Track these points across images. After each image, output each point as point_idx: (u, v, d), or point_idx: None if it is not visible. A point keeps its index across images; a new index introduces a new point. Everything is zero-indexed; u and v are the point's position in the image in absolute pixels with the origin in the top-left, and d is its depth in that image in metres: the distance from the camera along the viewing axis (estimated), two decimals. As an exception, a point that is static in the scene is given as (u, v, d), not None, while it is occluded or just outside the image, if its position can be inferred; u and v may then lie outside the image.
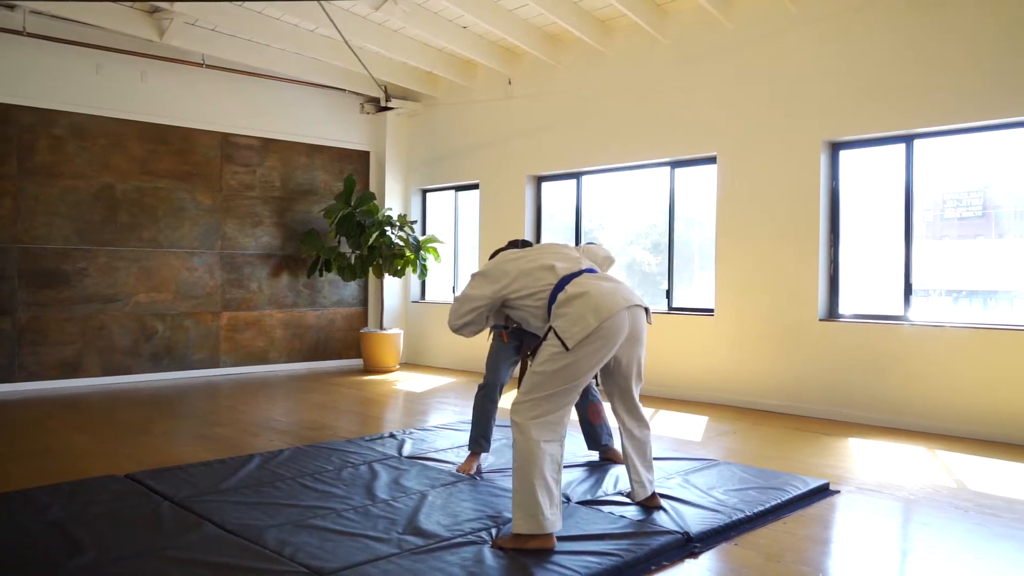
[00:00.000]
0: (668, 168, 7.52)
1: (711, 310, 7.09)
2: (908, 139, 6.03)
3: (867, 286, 6.37)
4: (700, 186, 7.44)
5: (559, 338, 3.17)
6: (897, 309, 6.08)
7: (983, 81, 5.52)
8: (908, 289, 6.02)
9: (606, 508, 3.72)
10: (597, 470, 4.45)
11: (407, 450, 4.87)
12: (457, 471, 4.39)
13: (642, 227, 8.31)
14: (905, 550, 3.36)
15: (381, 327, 9.37)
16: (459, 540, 3.24)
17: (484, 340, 7.97)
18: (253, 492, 3.93)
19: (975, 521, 3.72)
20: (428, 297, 10.12)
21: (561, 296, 3.29)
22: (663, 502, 3.77)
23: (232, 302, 8.84)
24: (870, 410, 6.01)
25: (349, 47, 7.48)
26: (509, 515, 3.55)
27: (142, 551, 3.08)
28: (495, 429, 4.67)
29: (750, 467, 4.55)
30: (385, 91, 9.49)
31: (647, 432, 3.72)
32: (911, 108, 5.88)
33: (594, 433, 4.64)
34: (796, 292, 6.47)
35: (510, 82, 8.74)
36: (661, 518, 3.55)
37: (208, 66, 8.42)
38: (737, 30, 6.80)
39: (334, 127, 9.65)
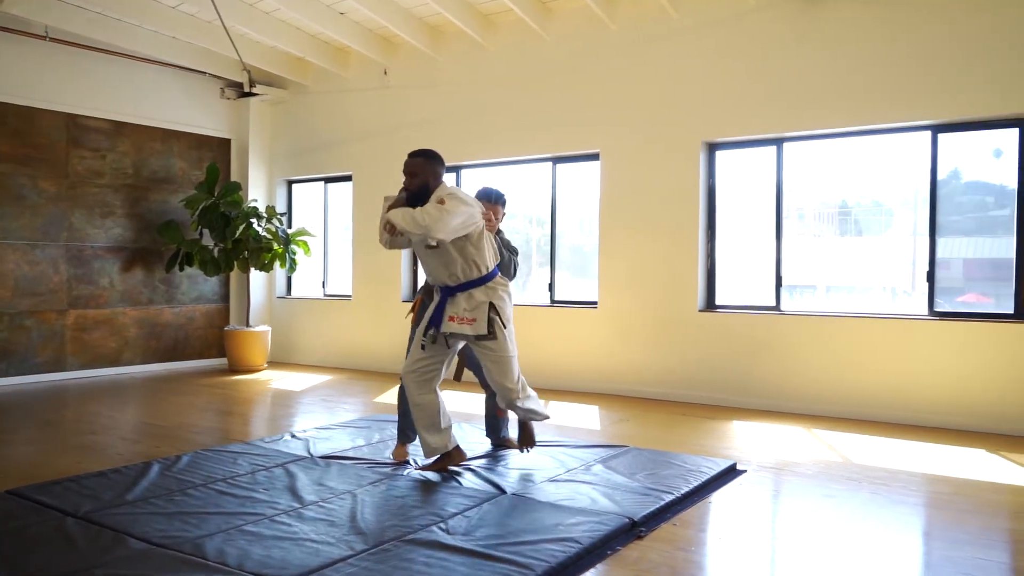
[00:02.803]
0: (550, 164, 7.66)
1: (595, 303, 7.30)
2: (779, 142, 6.49)
3: (742, 279, 6.79)
4: (545, 185, 7.70)
5: (499, 316, 4.01)
6: (769, 300, 6.53)
7: (849, 90, 6.03)
8: (779, 281, 6.49)
9: (541, 497, 3.74)
10: (502, 459, 4.52)
11: (317, 450, 4.67)
12: (393, 457, 4.42)
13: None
14: (821, 519, 3.61)
15: (247, 324, 8.91)
16: (412, 538, 3.15)
17: (350, 336, 7.80)
18: (166, 501, 3.63)
19: (869, 491, 4.08)
20: (295, 292, 9.72)
21: (502, 282, 4.13)
22: (595, 489, 3.87)
23: (80, 299, 8.09)
24: (748, 395, 6.42)
25: (225, 29, 7.04)
26: (453, 509, 3.52)
27: (66, 571, 2.77)
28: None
29: (659, 451, 4.74)
30: (249, 76, 9.01)
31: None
32: (782, 113, 6.32)
33: (497, 425, 4.82)
34: (676, 285, 6.79)
35: (385, 72, 8.56)
36: (601, 503, 3.63)
37: (52, 39, 7.64)
38: (621, 31, 7.03)
39: (192, 112, 9.04)
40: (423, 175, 3.94)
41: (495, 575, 2.79)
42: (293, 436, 5.07)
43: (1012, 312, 5.61)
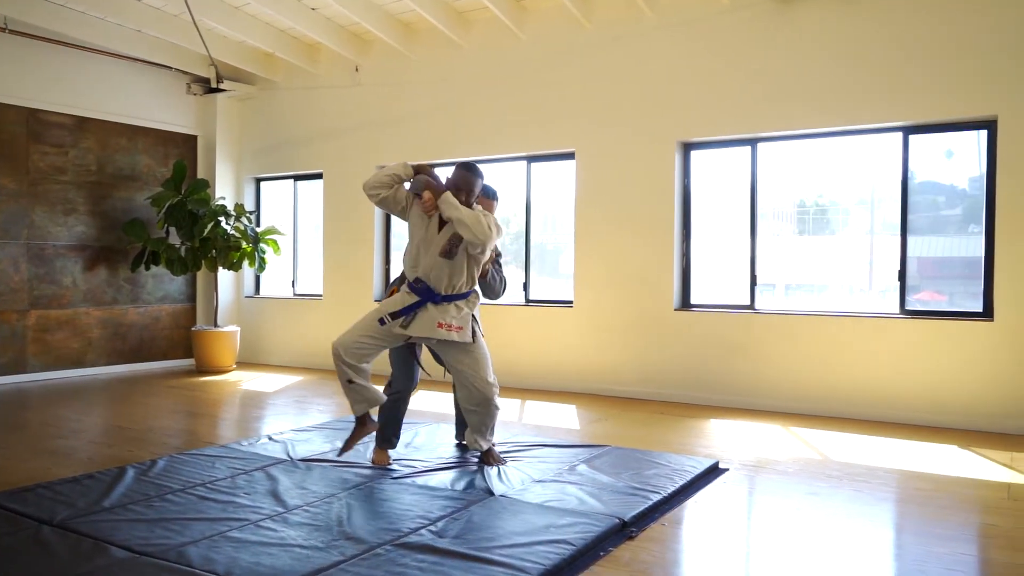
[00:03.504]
0: (524, 162, 7.64)
1: (570, 302, 7.30)
2: (753, 142, 6.54)
3: (717, 278, 6.84)
4: (518, 184, 7.65)
5: (477, 323, 4.22)
6: (744, 298, 6.58)
7: (824, 92, 6.10)
8: (753, 280, 6.54)
9: (529, 498, 3.72)
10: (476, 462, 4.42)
11: (296, 452, 4.59)
12: (373, 463, 4.34)
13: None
14: (807, 517, 3.64)
15: (215, 324, 8.73)
16: (403, 542, 3.10)
17: (322, 336, 7.69)
18: (145, 508, 3.53)
19: (851, 488, 4.12)
20: (263, 292, 9.57)
21: (477, 298, 4.28)
22: (582, 490, 3.85)
23: (42, 299, 7.86)
24: (724, 393, 6.47)
25: (194, 22, 6.88)
26: (441, 512, 3.48)
27: (48, 583, 2.68)
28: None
29: (641, 451, 4.74)
30: (216, 71, 8.82)
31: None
32: (756, 113, 6.38)
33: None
34: (652, 284, 6.82)
35: (357, 69, 8.46)
36: (590, 504, 3.61)
37: (12, 31, 7.40)
38: (596, 30, 7.03)
39: (158, 108, 8.84)
40: (469, 196, 4.03)
41: (491, 579, 2.75)
42: (271, 439, 4.98)
43: (980, 310, 5.73)
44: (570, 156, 7.31)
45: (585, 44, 7.10)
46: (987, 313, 5.67)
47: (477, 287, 4.29)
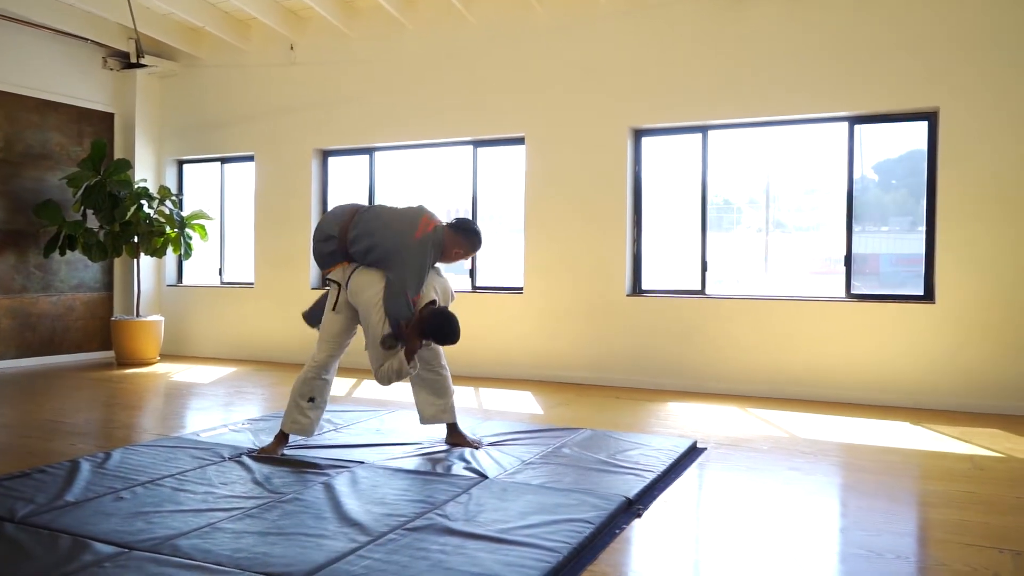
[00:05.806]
0: (471, 147, 7.50)
1: (520, 288, 7.21)
2: (703, 129, 6.62)
3: (667, 263, 6.89)
4: (464, 169, 7.55)
5: None
6: (695, 284, 6.66)
7: (772, 81, 6.23)
8: (704, 266, 6.63)
9: (526, 480, 3.61)
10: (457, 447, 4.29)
11: (263, 441, 4.31)
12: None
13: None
14: (799, 490, 3.67)
15: (136, 314, 8.20)
16: (414, 526, 2.95)
17: (253, 326, 7.38)
18: (115, 501, 3.24)
19: (828, 463, 4.21)
20: (187, 280, 9.06)
21: None
22: (576, 471, 3.78)
23: (-58, 286, 7.20)
24: (677, 377, 6.52)
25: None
26: (442, 496, 3.34)
27: (35, 583, 2.40)
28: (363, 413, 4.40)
29: (620, 432, 4.71)
30: (137, 45, 8.27)
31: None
32: (707, 101, 6.45)
33: None
34: (604, 270, 6.81)
35: (292, 47, 8.11)
36: (589, 484, 3.54)
37: (-91, -9, 6.75)
38: (547, 14, 6.96)
39: (71, 82, 8.22)
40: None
41: (522, 559, 2.63)
42: (229, 428, 4.69)
43: (922, 294, 5.98)
44: (519, 141, 7.22)
45: (536, 27, 7.02)
46: (928, 296, 5.93)
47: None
